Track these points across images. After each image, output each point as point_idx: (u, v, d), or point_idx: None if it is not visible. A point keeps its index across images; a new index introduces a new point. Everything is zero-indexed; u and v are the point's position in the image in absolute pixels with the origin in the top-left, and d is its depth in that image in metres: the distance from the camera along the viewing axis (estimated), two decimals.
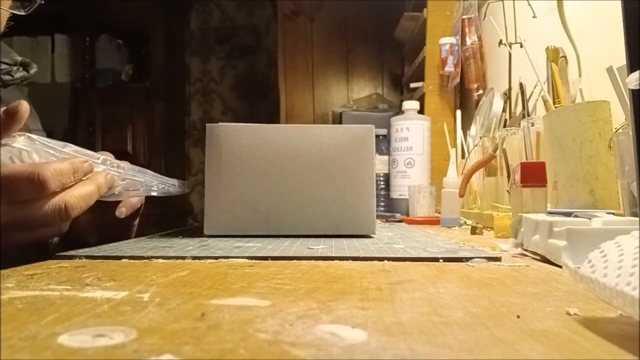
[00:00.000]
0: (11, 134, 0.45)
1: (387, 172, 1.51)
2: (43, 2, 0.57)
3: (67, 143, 0.50)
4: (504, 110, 1.20)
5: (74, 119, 2.66)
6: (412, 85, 1.95)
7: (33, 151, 0.46)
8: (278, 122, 2.25)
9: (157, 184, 0.61)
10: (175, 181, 0.65)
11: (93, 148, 0.59)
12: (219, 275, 0.36)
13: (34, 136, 0.47)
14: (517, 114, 1.08)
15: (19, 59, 0.65)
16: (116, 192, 0.56)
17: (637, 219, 0.48)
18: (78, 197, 0.46)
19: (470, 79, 1.50)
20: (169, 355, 0.18)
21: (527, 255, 0.51)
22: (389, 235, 0.71)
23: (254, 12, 2.98)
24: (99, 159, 0.53)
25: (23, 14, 0.58)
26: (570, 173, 0.62)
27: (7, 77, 0.62)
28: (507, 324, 0.23)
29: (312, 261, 0.45)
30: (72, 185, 0.46)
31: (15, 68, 0.64)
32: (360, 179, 0.68)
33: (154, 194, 0.61)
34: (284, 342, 0.20)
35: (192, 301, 0.27)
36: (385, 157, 1.51)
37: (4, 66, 0.62)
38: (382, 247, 0.54)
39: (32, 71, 0.65)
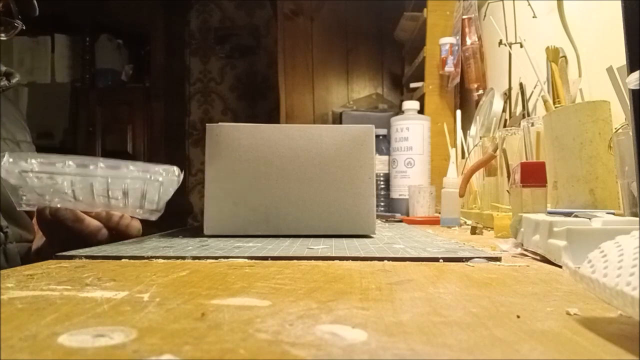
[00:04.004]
0: None
1: (387, 172, 1.51)
2: (24, 27, 0.61)
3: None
4: (504, 110, 1.20)
5: (74, 119, 2.65)
6: (412, 85, 1.95)
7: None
8: (278, 122, 2.25)
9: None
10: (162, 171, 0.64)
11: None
12: (219, 275, 0.36)
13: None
14: (517, 114, 1.08)
15: (4, 69, 0.70)
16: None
17: (637, 219, 0.48)
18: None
19: (470, 79, 1.50)
20: (169, 355, 0.18)
21: (527, 255, 0.51)
22: (389, 235, 0.71)
23: (254, 12, 2.98)
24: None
25: (4, 38, 0.61)
26: (570, 173, 0.62)
27: None
28: (507, 324, 0.23)
29: (312, 261, 0.45)
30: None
31: None
32: (360, 179, 0.68)
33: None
34: (284, 342, 0.20)
35: (192, 301, 0.27)
36: (385, 157, 1.51)
37: None
38: (382, 247, 0.54)
39: (13, 80, 0.70)
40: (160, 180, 0.60)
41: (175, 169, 0.62)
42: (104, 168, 0.58)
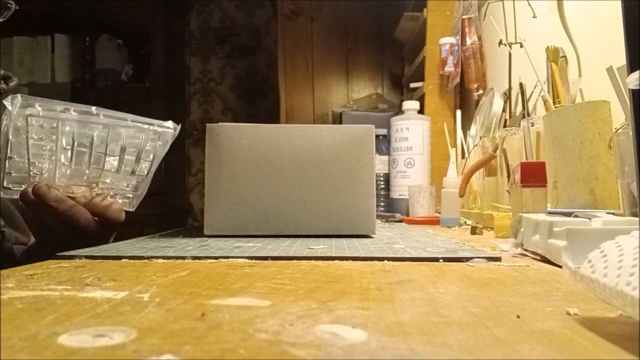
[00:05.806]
0: None
1: (387, 172, 1.51)
2: (17, 7, 0.61)
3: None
4: (504, 110, 1.20)
5: None
6: (412, 85, 1.94)
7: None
8: (278, 122, 2.25)
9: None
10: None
11: None
12: (219, 275, 0.36)
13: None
14: (517, 114, 1.08)
15: (2, 72, 0.70)
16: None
17: (637, 219, 0.48)
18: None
19: (470, 79, 1.50)
20: (169, 355, 0.18)
21: (527, 255, 0.51)
22: (389, 235, 0.71)
23: (254, 12, 2.98)
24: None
25: (1, 20, 0.61)
26: (570, 173, 0.62)
27: None
28: (507, 324, 0.23)
29: (312, 261, 0.45)
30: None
31: None
32: (360, 179, 0.68)
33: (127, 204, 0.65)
34: (284, 342, 0.20)
35: (192, 301, 0.27)
36: (385, 157, 1.51)
37: None
38: (382, 247, 0.54)
39: (11, 84, 0.70)
40: (159, 132, 0.62)
41: (170, 122, 0.64)
42: (105, 117, 0.59)
